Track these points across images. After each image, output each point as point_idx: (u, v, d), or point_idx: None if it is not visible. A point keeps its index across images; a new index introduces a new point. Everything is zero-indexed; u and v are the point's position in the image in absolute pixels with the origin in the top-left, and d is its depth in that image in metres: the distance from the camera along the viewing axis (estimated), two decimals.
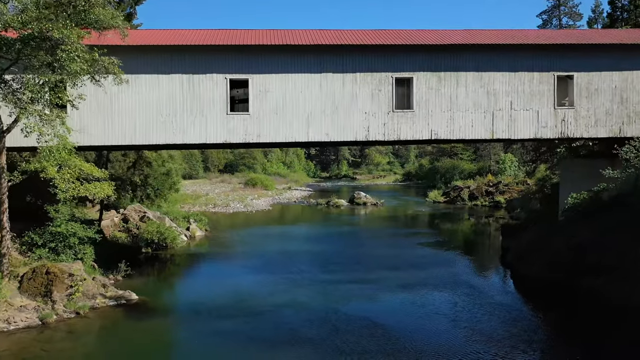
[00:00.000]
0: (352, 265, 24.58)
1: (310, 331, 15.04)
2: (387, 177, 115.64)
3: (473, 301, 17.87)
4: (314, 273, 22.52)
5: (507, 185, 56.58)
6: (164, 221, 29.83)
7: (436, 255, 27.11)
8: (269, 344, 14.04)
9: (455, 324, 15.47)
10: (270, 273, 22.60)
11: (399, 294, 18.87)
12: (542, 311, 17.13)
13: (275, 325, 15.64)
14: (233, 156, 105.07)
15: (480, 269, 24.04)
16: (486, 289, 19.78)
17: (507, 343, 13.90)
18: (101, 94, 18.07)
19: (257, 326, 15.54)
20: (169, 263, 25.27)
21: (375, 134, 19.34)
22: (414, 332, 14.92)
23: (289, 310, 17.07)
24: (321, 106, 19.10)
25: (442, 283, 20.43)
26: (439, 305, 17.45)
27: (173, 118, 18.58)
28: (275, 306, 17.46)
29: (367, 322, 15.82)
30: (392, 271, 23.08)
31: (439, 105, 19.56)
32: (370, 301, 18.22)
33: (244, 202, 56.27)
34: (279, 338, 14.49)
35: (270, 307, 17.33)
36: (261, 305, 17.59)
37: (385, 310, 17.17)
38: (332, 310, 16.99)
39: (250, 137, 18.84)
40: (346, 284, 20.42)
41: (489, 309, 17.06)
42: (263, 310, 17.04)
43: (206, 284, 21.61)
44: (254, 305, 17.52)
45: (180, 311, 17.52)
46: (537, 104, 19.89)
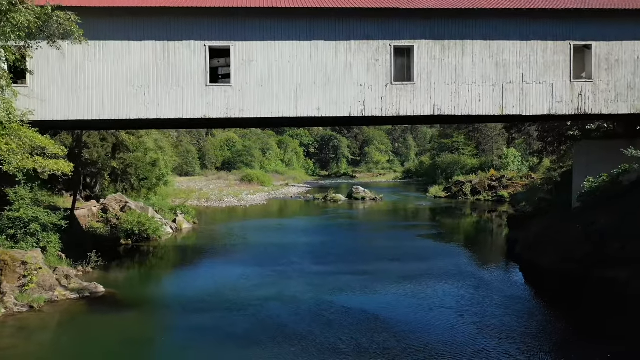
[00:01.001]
0: (348, 256, 22.64)
1: (299, 326, 13.11)
2: (387, 175, 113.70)
3: (481, 294, 15.92)
4: (305, 265, 20.58)
5: (510, 180, 54.65)
6: (147, 212, 27.87)
7: (438, 247, 25.17)
8: (247, 341, 12.09)
9: (463, 318, 13.51)
10: (257, 265, 20.64)
11: (400, 286, 16.93)
12: (558, 305, 15.20)
13: (258, 320, 13.69)
14: (230, 154, 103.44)
15: (486, 261, 22.10)
16: (494, 281, 17.83)
17: (521, 339, 11.97)
18: (65, 63, 16.16)
19: (236, 321, 13.59)
20: (149, 255, 23.31)
21: (372, 109, 17.39)
22: (417, 326, 12.98)
23: (275, 303, 15.13)
24: (311, 78, 17.16)
25: (446, 275, 18.48)
26: (444, 298, 15.49)
27: (145, 90, 16.63)
28: (259, 299, 15.51)
29: (365, 316, 13.92)
30: (391, 262, 21.15)
31: (443, 77, 17.60)
32: (368, 293, 16.29)
33: (238, 197, 54.32)
34: (261, 334, 12.54)
35: (254, 301, 15.38)
36: (244, 298, 15.64)
37: (385, 303, 15.23)
38: (325, 303, 15.06)
39: (232, 112, 16.88)
40: (341, 275, 18.49)
41: (499, 302, 15.12)
42: (246, 304, 15.09)
43: (186, 276, 19.68)
44: (236, 299, 15.57)
45: (152, 305, 15.55)
46: (551, 77, 17.94)
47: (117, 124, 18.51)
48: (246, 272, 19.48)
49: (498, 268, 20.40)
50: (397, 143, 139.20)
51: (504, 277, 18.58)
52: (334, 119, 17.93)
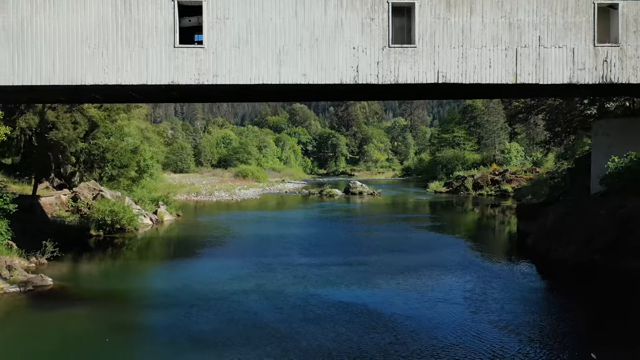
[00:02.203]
0: (342, 247, 20.33)
1: (280, 324, 10.87)
2: (386, 174, 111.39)
3: (494, 288, 13.63)
4: (292, 257, 18.27)
5: (514, 174, 52.36)
6: (123, 201, 25.55)
7: (441, 238, 22.86)
8: (213, 342, 9.82)
9: (475, 316, 11.24)
10: (238, 257, 18.36)
11: (401, 279, 14.65)
12: (580, 300, 12.99)
13: (231, 317, 11.41)
14: (227, 151, 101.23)
15: (495, 253, 19.82)
16: (507, 274, 15.54)
17: (542, 339, 9.83)
18: (8, 16, 13.84)
19: (203, 319, 11.29)
20: (119, 247, 20.97)
21: (367, 75, 15.06)
22: (422, 324, 10.75)
23: (254, 298, 12.85)
24: (297, 38, 14.84)
25: (452, 267, 16.21)
26: (451, 293, 13.21)
27: (104, 50, 14.29)
28: (236, 294, 13.23)
29: (361, 312, 11.73)
30: (391, 254, 18.88)
31: (448, 40, 15.29)
32: (365, 286, 14.02)
33: (230, 192, 51.98)
34: (232, 333, 10.29)
35: (228, 296, 13.09)
36: (218, 293, 13.35)
37: (385, 297, 13.00)
38: (313, 297, 12.83)
39: (204, 77, 14.55)
40: (333, 267, 16.21)
41: (515, 297, 12.85)
42: (218, 299, 12.81)
43: (156, 270, 17.40)
44: (208, 294, 13.28)
45: (106, 301, 13.18)
46: (572, 40, 15.63)
47: (73, 94, 16.12)
48: (224, 264, 17.20)
49: (510, 260, 18.10)
50: (396, 142, 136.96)
51: (517, 270, 16.27)
52: (323, 87, 15.58)
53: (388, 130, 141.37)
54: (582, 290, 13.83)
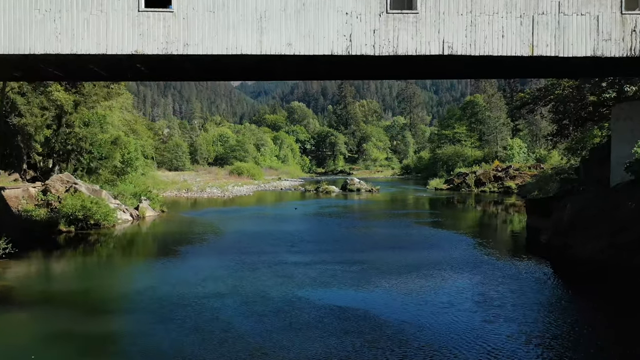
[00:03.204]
0: (335, 244, 18.37)
1: (255, 333, 8.96)
2: (385, 172, 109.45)
3: (509, 292, 11.67)
4: (279, 254, 16.28)
5: (517, 170, 50.43)
6: (100, 196, 23.59)
7: (445, 235, 20.91)
8: (167, 358, 7.87)
9: (491, 326, 9.28)
10: (218, 255, 16.39)
11: (402, 280, 12.71)
12: (614, 306, 10.99)
13: (195, 324, 9.44)
14: (223, 149, 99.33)
15: (506, 251, 17.85)
16: (523, 275, 13.57)
17: (568, 353, 7.77)
18: None
19: (160, 327, 9.33)
20: (90, 245, 19.00)
21: (361, 45, 13.10)
22: (428, 334, 8.78)
23: (228, 301, 10.90)
24: (280, 2, 12.89)
25: (459, 267, 14.26)
26: (460, 297, 11.26)
27: (56, 16, 12.34)
28: (207, 297, 11.27)
29: (355, 317, 9.80)
30: (391, 251, 16.92)
31: (455, 6, 13.34)
32: (360, 288, 12.06)
33: (223, 189, 50.01)
34: (191, 346, 8.31)
35: (198, 299, 11.13)
36: (186, 296, 11.39)
37: (384, 300, 11.09)
38: (298, 300, 10.93)
39: (173, 47, 12.60)
40: (324, 266, 14.26)
41: (535, 302, 10.92)
42: (185, 303, 10.84)
43: (123, 269, 15.42)
44: (174, 297, 11.32)
45: (54, 305, 11.14)
46: (596, 7, 13.69)
47: (27, 69, 14.09)
48: (201, 263, 15.23)
49: (523, 258, 16.11)
50: (395, 140, 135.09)
51: (533, 270, 14.30)
52: (310, 60, 13.61)
53: (387, 129, 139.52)
54: (611, 293, 11.90)
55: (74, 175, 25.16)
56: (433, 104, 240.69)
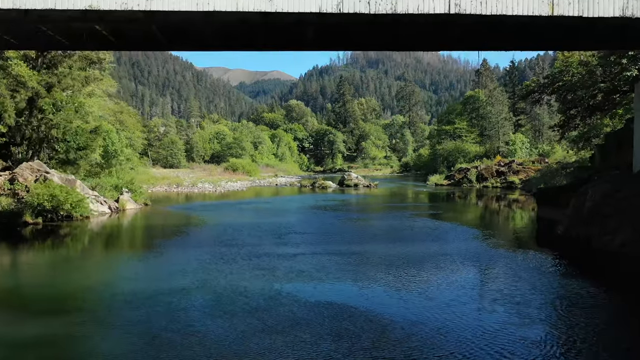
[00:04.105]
0: (327, 236, 16.48)
1: (224, 337, 7.10)
2: (384, 170, 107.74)
3: (532, 289, 9.84)
4: (263, 246, 14.42)
5: (521, 165, 48.69)
6: (74, 186, 21.75)
7: (450, 228, 19.06)
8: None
9: (510, 324, 7.46)
10: (194, 247, 14.54)
11: (403, 274, 10.86)
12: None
13: (150, 329, 7.58)
14: (220, 147, 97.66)
15: (520, 244, 15.97)
16: (545, 270, 11.73)
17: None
18: None
19: (107, 331, 7.51)
20: (57, 237, 17.13)
21: (354, 3, 11.28)
22: (437, 334, 6.93)
23: (196, 299, 9.04)
24: None
25: (469, 260, 12.44)
26: (473, 294, 9.44)
27: None
28: (171, 293, 9.40)
29: (346, 314, 8.01)
30: (390, 244, 15.08)
31: None
32: (353, 281, 10.24)
33: (215, 184, 48.18)
34: (140, 357, 6.49)
35: (160, 296, 9.28)
36: (147, 293, 9.54)
37: (381, 297, 9.21)
38: (281, 297, 9.07)
39: (133, 1, 10.76)
40: (313, 257, 12.43)
41: (555, 299, 9.10)
42: (141, 300, 9.01)
43: (84, 264, 13.51)
44: (133, 294, 9.48)
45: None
46: None
47: None
48: (174, 256, 13.39)
49: (538, 252, 14.25)
50: (394, 139, 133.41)
51: (554, 264, 12.49)
52: (297, 22, 11.77)
53: (386, 128, 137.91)
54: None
55: (48, 166, 23.34)
56: (432, 103, 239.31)
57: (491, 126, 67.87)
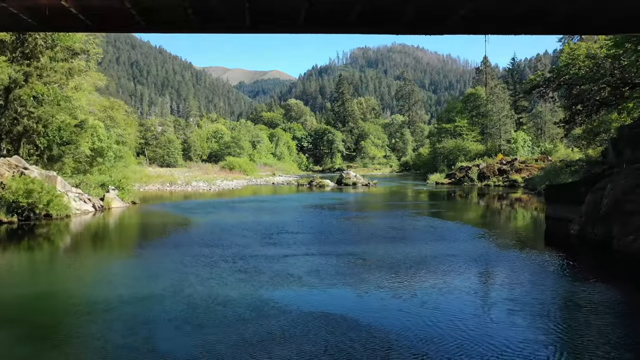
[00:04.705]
0: (321, 235, 15.22)
1: (190, 345, 5.86)
2: (383, 169, 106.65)
3: (546, 295, 8.63)
4: (250, 246, 13.16)
5: (524, 163, 47.53)
6: (54, 183, 20.52)
7: (452, 227, 17.81)
8: None
9: (534, 342, 6.24)
10: (177, 248, 13.31)
11: (406, 278, 9.63)
12: None
13: (101, 338, 6.39)
14: (218, 146, 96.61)
15: (528, 246, 14.71)
16: (564, 275, 10.52)
17: None
18: None
19: (35, 344, 6.29)
20: (31, 238, 15.89)
21: None
22: (445, 350, 5.72)
23: (166, 306, 7.82)
24: None
25: (476, 264, 11.20)
26: (486, 301, 8.23)
27: None
28: (141, 299, 8.21)
29: (340, 324, 6.76)
30: (390, 244, 13.81)
31: None
32: (349, 286, 9.00)
33: (210, 182, 46.96)
34: None
35: (127, 303, 8.08)
36: (106, 299, 8.34)
37: (380, 303, 7.97)
38: (265, 305, 7.83)
39: None
40: (303, 259, 11.19)
41: (579, 309, 7.87)
42: (100, 308, 7.80)
43: (51, 267, 12.30)
44: (95, 301, 8.27)
45: None
46: None
47: None
48: (152, 258, 12.17)
49: (552, 254, 13.02)
50: (393, 138, 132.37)
51: (574, 268, 11.26)
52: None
53: (385, 127, 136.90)
54: None
55: (28, 161, 22.11)
56: (432, 103, 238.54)
57: (492, 124, 66.70)
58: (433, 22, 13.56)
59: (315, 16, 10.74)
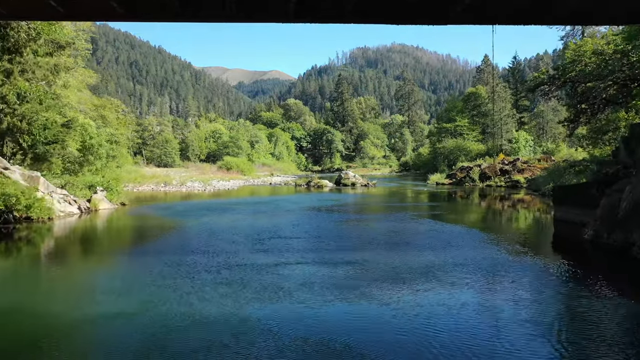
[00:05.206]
0: (316, 241, 14.11)
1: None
2: (382, 169, 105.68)
3: (565, 317, 7.61)
4: (238, 254, 12.08)
5: (526, 163, 46.57)
6: (37, 183, 19.49)
7: (457, 232, 16.72)
8: None
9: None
10: (158, 255, 12.23)
11: (411, 288, 8.59)
12: None
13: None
14: (216, 145, 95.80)
15: (541, 254, 13.66)
16: (580, 293, 9.49)
17: None
18: None
19: None
20: (4, 243, 14.86)
21: None
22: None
23: (134, 326, 6.78)
24: None
25: (488, 274, 10.13)
26: (504, 319, 7.15)
27: None
28: (90, 320, 7.16)
29: (338, 348, 5.64)
30: (391, 250, 12.76)
31: None
32: (346, 301, 7.92)
33: (205, 183, 45.91)
34: None
35: (76, 323, 7.03)
36: (58, 317, 7.30)
37: (383, 322, 6.90)
38: (240, 322, 6.75)
39: None
40: (295, 269, 10.13)
41: (607, 334, 6.84)
42: (47, 330, 6.75)
43: (15, 278, 11.26)
44: (38, 320, 7.23)
45: None
46: None
47: None
48: (127, 267, 11.12)
49: (568, 264, 11.95)
50: (393, 138, 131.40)
51: (591, 280, 10.22)
52: None
53: (385, 127, 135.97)
54: None
55: (10, 161, 21.07)
56: (431, 103, 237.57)
57: (493, 123, 65.71)
58: (437, 11, 12.42)
59: (310, 3, 9.62)
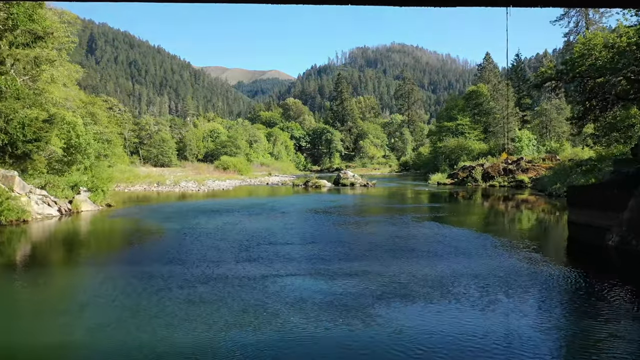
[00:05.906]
0: (311, 247, 12.73)
1: None
2: (382, 169, 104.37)
3: (607, 341, 6.26)
4: (222, 263, 10.69)
5: (530, 162, 45.24)
6: (12, 183, 18.14)
7: (465, 237, 15.32)
8: None
9: None
10: (131, 265, 10.89)
11: (423, 313, 7.24)
12: None
13: None
14: (214, 145, 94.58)
15: (562, 263, 12.31)
16: (613, 309, 8.15)
17: None
18: None
19: None
20: None
21: None
22: None
23: (91, 351, 5.46)
24: None
25: (506, 289, 8.77)
26: (534, 351, 5.82)
27: None
28: (28, 349, 5.82)
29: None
30: (394, 259, 11.35)
31: None
32: (345, 327, 6.55)
33: (200, 183, 44.54)
34: None
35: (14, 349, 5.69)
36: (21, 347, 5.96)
37: (386, 347, 5.61)
38: (211, 349, 5.40)
39: None
40: (285, 281, 8.77)
41: None
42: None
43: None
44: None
45: None
46: None
47: None
48: (93, 279, 9.74)
49: (595, 275, 10.62)
50: (393, 138, 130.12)
51: (626, 295, 8.88)
52: None
53: (385, 126, 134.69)
54: None
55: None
56: (431, 103, 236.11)
57: (496, 122, 64.37)
58: None
59: None
